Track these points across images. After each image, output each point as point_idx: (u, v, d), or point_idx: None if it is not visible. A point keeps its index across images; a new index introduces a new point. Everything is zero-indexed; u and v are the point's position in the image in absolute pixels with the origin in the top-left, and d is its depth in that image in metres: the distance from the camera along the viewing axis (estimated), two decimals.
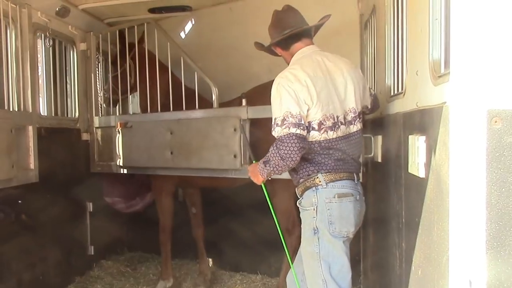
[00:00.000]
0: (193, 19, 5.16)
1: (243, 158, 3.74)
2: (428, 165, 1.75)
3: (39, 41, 4.33)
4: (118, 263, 5.31)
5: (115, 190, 5.05)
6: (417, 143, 1.86)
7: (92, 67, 4.81)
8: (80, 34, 4.77)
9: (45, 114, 4.46)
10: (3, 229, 3.71)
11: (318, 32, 2.89)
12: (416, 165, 1.88)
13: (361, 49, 4.15)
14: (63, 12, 4.35)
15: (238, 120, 3.72)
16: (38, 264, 4.14)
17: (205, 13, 5.03)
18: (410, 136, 2.00)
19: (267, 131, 2.64)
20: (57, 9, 4.28)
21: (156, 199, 4.68)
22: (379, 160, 2.98)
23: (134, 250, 5.75)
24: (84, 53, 4.81)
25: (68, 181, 4.46)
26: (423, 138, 1.80)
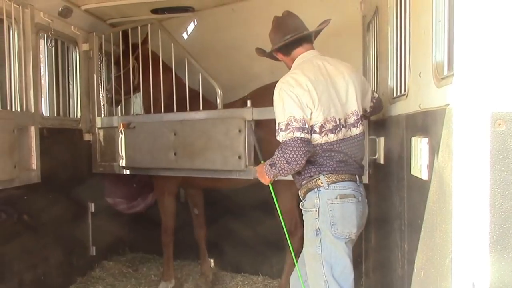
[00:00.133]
0: (196, 20, 5.16)
1: (248, 159, 3.75)
2: (431, 167, 1.75)
3: (42, 42, 4.33)
4: (120, 264, 5.31)
5: (117, 191, 5.05)
6: (420, 145, 1.86)
7: (95, 68, 4.81)
8: (83, 35, 4.78)
9: (47, 115, 4.45)
10: (5, 230, 3.71)
11: (321, 34, 2.90)
12: (419, 167, 1.88)
13: (364, 51, 4.14)
14: (66, 13, 4.35)
15: (243, 121, 3.73)
16: (40, 265, 4.14)
17: (208, 14, 5.03)
18: (413, 138, 2.00)
19: (267, 132, 2.65)
20: (60, 10, 4.28)
21: (159, 200, 4.68)
22: (382, 162, 2.98)
23: (136, 251, 5.75)
24: (87, 54, 4.82)
25: (70, 182, 4.46)
26: (426, 140, 1.80)
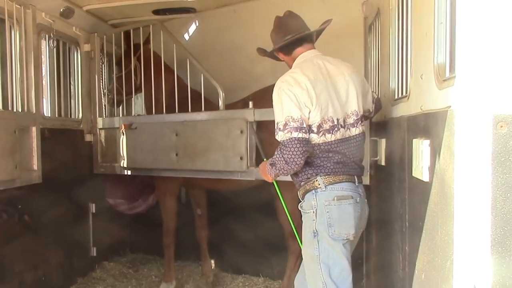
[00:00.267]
0: (197, 21, 5.16)
1: (249, 160, 3.75)
2: (432, 169, 1.75)
3: (43, 42, 4.33)
4: (120, 265, 5.31)
5: (118, 192, 5.05)
6: (421, 147, 1.86)
7: (96, 68, 4.81)
8: (84, 35, 4.78)
9: (49, 115, 4.45)
10: (6, 230, 3.71)
11: (322, 35, 2.89)
12: (420, 169, 1.88)
13: (365, 52, 4.14)
14: (68, 13, 4.35)
15: (245, 122, 3.74)
16: (40, 265, 4.14)
17: (209, 15, 5.04)
18: (414, 140, 2.00)
19: (270, 132, 2.65)
20: (62, 10, 4.29)
21: (160, 201, 4.68)
22: (383, 163, 2.98)
23: (137, 252, 5.75)
24: (88, 54, 4.82)
25: (71, 182, 4.46)
26: (427, 142, 1.80)
